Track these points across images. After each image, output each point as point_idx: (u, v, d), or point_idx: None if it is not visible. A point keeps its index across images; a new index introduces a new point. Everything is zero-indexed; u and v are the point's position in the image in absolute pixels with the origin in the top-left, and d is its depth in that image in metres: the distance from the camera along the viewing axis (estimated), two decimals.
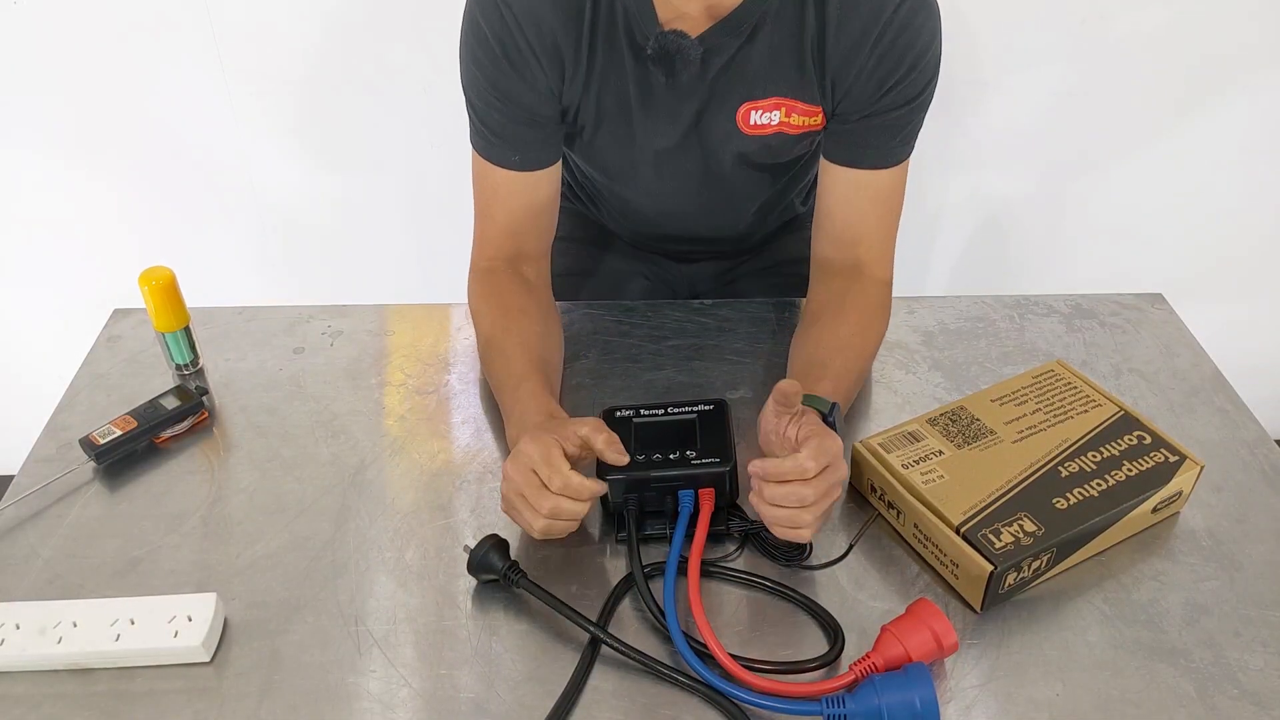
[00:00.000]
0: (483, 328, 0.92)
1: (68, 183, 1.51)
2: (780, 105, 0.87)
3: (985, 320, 1.04)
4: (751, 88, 0.86)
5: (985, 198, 1.61)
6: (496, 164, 0.90)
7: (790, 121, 0.88)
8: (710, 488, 0.77)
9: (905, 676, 0.65)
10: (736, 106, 0.87)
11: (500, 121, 0.87)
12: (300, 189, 1.55)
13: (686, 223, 1.06)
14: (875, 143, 0.88)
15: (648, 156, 0.93)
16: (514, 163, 0.90)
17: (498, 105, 0.87)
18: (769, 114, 0.87)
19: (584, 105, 0.88)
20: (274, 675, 0.70)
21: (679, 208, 1.02)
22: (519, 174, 0.90)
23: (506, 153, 0.89)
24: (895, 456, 0.80)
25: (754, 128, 0.88)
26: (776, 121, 0.88)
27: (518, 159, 0.89)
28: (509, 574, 0.73)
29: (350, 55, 1.42)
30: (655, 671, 0.68)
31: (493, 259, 0.94)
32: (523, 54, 0.83)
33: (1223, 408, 0.93)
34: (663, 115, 0.88)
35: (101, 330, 1.04)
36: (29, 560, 0.78)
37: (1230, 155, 1.54)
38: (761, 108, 0.87)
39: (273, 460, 0.88)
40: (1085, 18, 1.39)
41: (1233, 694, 0.68)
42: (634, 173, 0.96)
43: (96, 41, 1.37)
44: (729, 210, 1.03)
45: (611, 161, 0.96)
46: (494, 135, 0.89)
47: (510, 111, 0.87)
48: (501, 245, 0.94)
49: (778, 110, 0.87)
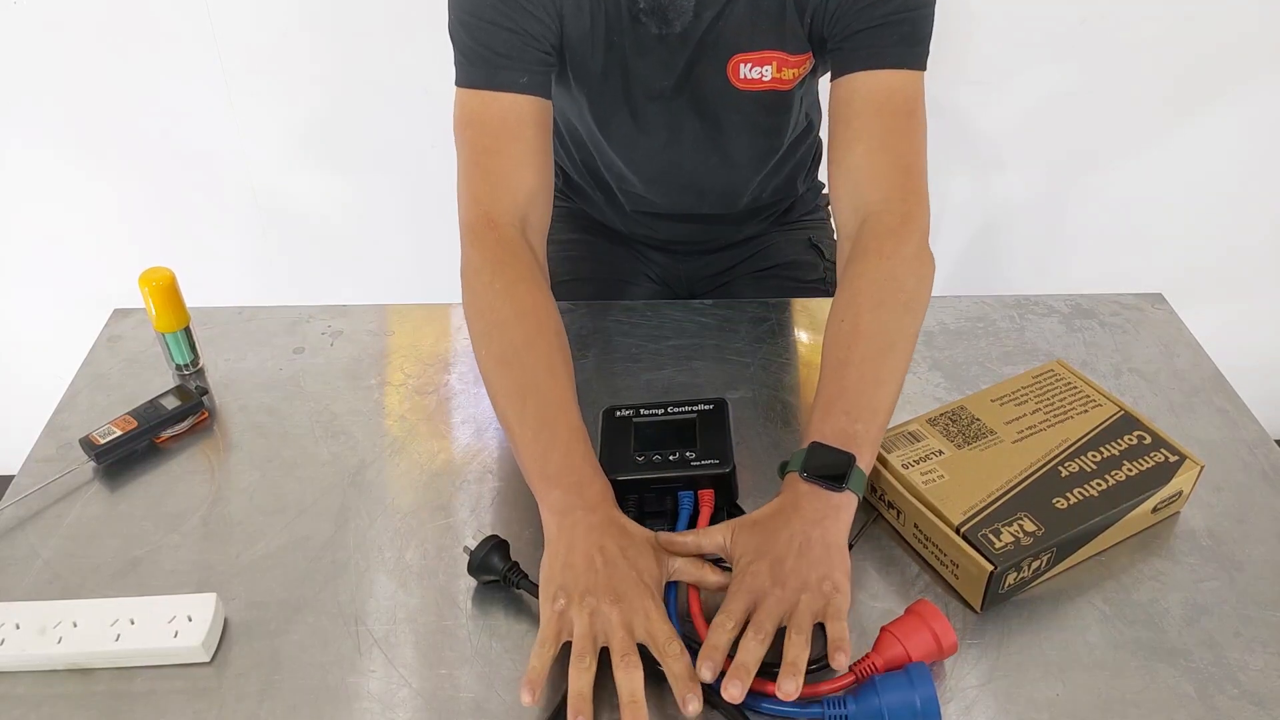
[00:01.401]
0: (502, 325, 0.78)
1: (68, 183, 1.51)
2: (771, 59, 0.87)
3: (985, 320, 1.04)
4: (739, 39, 0.87)
5: (985, 198, 1.61)
6: (505, 89, 0.82)
7: (782, 76, 0.88)
8: (710, 489, 0.77)
9: (906, 677, 0.65)
10: (727, 59, 0.88)
11: (508, 39, 0.81)
12: (300, 189, 1.55)
13: (686, 196, 1.05)
14: (867, 43, 0.83)
15: (643, 109, 0.93)
16: (522, 85, 0.82)
17: (508, 21, 0.81)
18: (760, 68, 0.87)
19: (584, 59, 0.89)
20: (274, 675, 0.70)
21: (677, 175, 1.02)
22: (529, 99, 0.82)
23: (514, 75, 0.81)
24: (895, 456, 0.80)
25: (745, 81, 0.89)
26: (769, 77, 0.88)
27: (525, 81, 0.82)
28: (509, 575, 0.73)
29: (350, 56, 1.42)
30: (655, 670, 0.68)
31: (503, 214, 0.81)
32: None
33: (1223, 408, 0.93)
34: (656, 67, 0.89)
35: (101, 330, 1.04)
36: (29, 560, 0.78)
37: (1230, 155, 1.54)
38: (752, 60, 0.87)
39: (273, 460, 0.88)
40: (1085, 18, 1.39)
41: (1233, 694, 0.68)
42: (631, 130, 0.96)
43: (97, 42, 1.37)
44: (727, 178, 1.03)
45: (609, 120, 0.96)
46: (499, 55, 0.81)
47: (520, 27, 0.82)
48: (515, 194, 0.82)
49: (769, 65, 0.87)
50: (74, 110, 1.43)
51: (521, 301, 0.79)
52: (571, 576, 0.67)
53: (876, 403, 0.74)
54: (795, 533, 0.68)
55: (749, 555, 0.68)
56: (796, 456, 0.73)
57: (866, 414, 0.73)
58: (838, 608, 0.65)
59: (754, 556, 0.67)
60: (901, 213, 0.81)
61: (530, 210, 0.85)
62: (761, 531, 0.69)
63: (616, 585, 0.66)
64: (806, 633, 0.63)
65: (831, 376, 0.76)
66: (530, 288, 0.80)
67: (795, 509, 0.69)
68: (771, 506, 0.71)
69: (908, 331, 0.78)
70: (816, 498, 0.70)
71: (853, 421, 0.72)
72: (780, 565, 0.66)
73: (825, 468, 0.70)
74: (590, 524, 0.69)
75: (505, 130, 0.83)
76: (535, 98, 0.84)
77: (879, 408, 0.74)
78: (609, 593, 0.65)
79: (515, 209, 0.83)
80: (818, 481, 0.70)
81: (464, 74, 0.85)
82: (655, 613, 0.65)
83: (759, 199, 1.09)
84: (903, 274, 0.79)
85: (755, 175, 1.05)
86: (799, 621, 0.64)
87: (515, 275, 0.80)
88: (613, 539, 0.69)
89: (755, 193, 1.07)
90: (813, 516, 0.69)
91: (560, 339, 0.81)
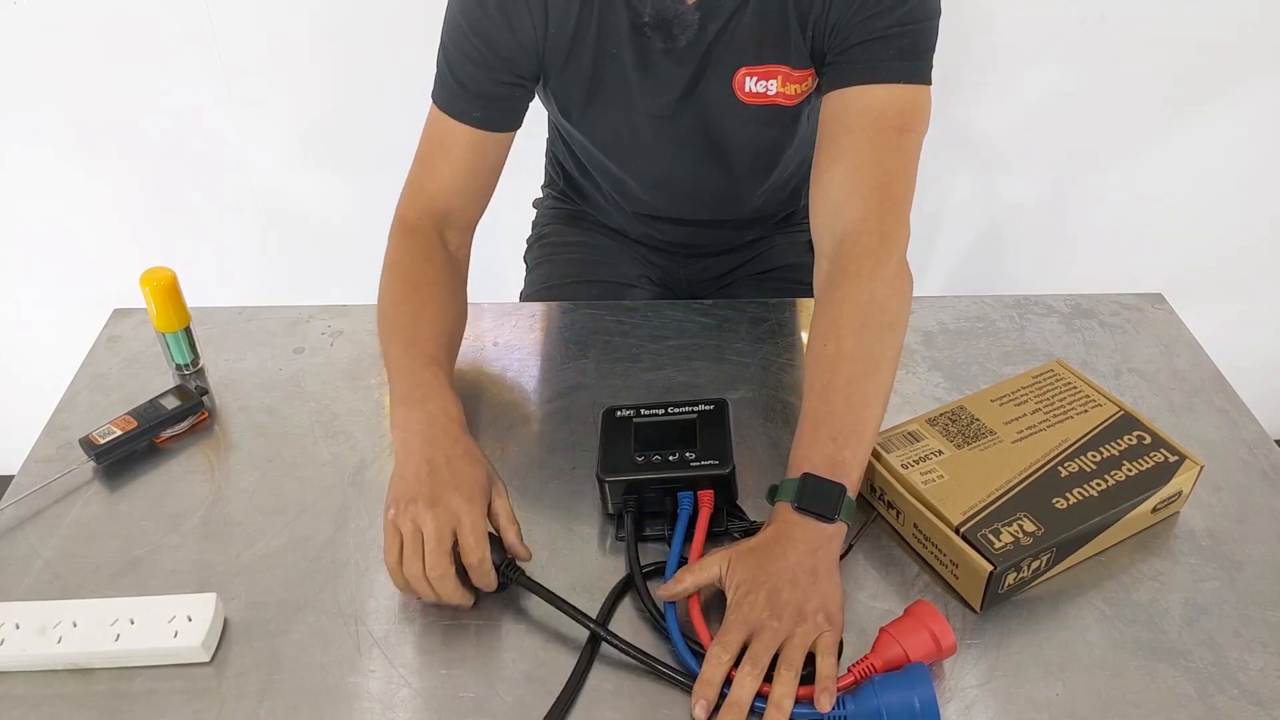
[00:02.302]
0: (393, 283, 0.88)
1: (68, 183, 1.51)
2: (776, 73, 0.87)
3: (985, 320, 1.04)
4: (745, 52, 0.86)
5: (985, 197, 1.61)
6: (455, 117, 0.89)
7: (786, 91, 0.88)
8: (710, 489, 0.77)
9: (905, 677, 0.65)
10: (732, 73, 0.87)
11: (472, 73, 0.87)
12: (300, 189, 1.55)
13: (687, 204, 1.05)
14: (863, 56, 0.83)
15: (645, 123, 0.93)
16: (474, 119, 0.89)
17: (476, 54, 0.86)
18: (765, 82, 0.87)
19: (577, 70, 0.88)
20: (274, 675, 0.70)
21: (679, 185, 1.01)
22: (474, 131, 0.89)
23: (468, 108, 0.88)
24: (895, 456, 0.80)
25: (750, 95, 0.88)
26: (774, 91, 0.88)
27: (479, 115, 0.88)
28: (506, 571, 0.73)
29: (350, 55, 1.42)
30: (655, 670, 0.68)
31: (421, 215, 0.91)
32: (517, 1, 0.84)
33: (1223, 408, 0.93)
34: (660, 81, 0.89)
35: (101, 330, 1.04)
36: (29, 560, 0.78)
37: (1230, 155, 1.54)
38: (757, 74, 0.87)
39: (273, 460, 0.88)
40: (1085, 18, 1.39)
41: (1233, 694, 0.68)
42: (633, 143, 0.96)
43: (97, 42, 1.37)
44: (729, 189, 1.03)
45: (608, 132, 0.96)
46: (460, 87, 0.88)
47: (487, 61, 0.86)
48: (434, 200, 0.91)
49: (774, 79, 0.87)
50: (74, 110, 1.43)
51: (411, 271, 0.89)
52: (402, 487, 0.73)
53: (863, 426, 0.75)
54: (791, 563, 0.69)
55: (745, 585, 0.69)
56: (787, 486, 0.73)
57: (854, 439, 0.74)
58: (828, 644, 0.66)
59: (750, 586, 0.68)
60: (880, 234, 0.81)
61: (448, 216, 0.92)
62: (757, 560, 0.70)
63: (435, 492, 0.71)
64: (797, 669, 0.65)
65: (817, 400, 0.76)
66: (423, 264, 0.89)
67: (789, 539, 0.70)
68: (766, 535, 0.72)
69: (890, 353, 0.78)
70: (809, 528, 0.71)
71: (840, 448, 0.73)
72: (777, 596, 0.67)
73: (818, 502, 0.71)
74: (425, 437, 0.75)
75: (441, 150, 0.91)
76: (484, 132, 0.90)
77: (865, 431, 0.75)
78: (427, 499, 0.71)
79: (433, 215, 0.91)
80: (811, 515, 0.71)
81: (434, 89, 0.92)
82: (468, 520, 0.70)
83: (762, 209, 1.10)
84: (884, 295, 0.79)
85: (757, 188, 1.05)
86: (790, 656, 0.65)
87: (412, 257, 0.89)
88: (441, 450, 0.74)
89: (757, 203, 1.07)
90: (807, 547, 0.70)
91: (439, 297, 0.88)
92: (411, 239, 0.90)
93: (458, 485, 0.72)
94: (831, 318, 0.79)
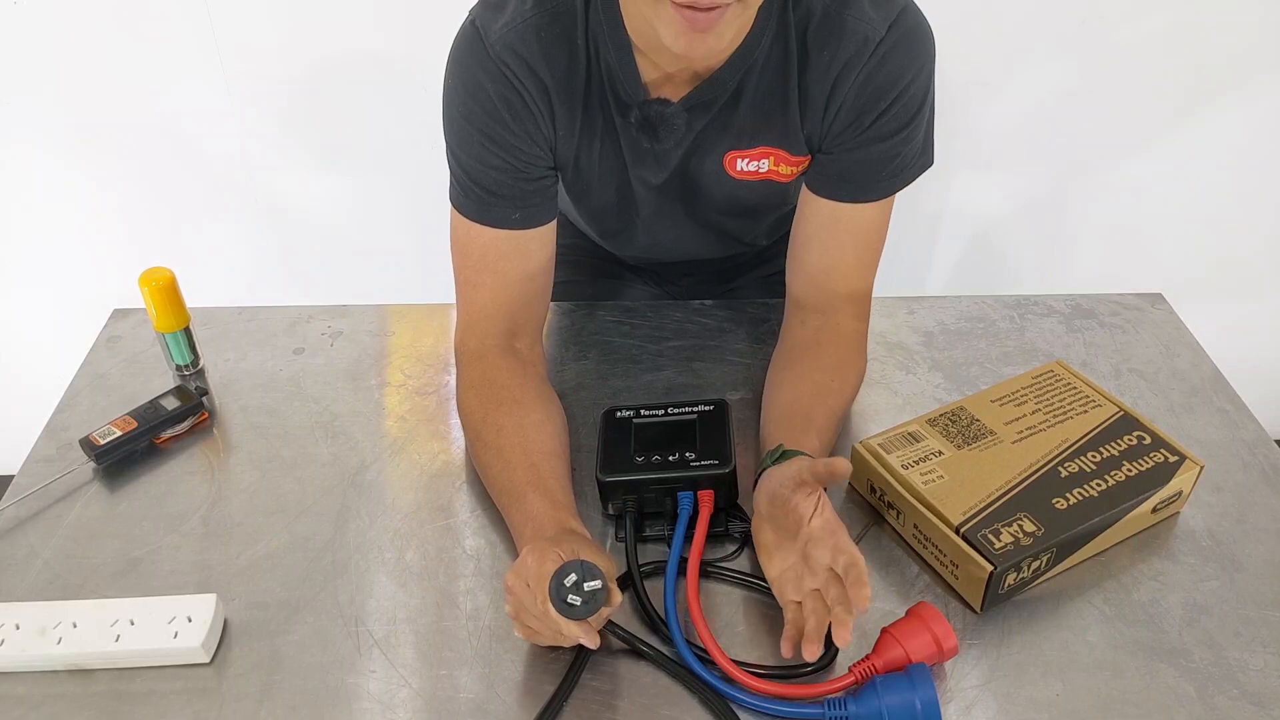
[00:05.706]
0: (473, 424, 0.84)
1: (68, 183, 1.51)
2: (768, 155, 0.85)
3: (985, 320, 1.04)
4: (737, 139, 0.85)
5: (985, 198, 1.61)
6: (493, 225, 0.84)
7: (779, 170, 0.87)
8: (710, 489, 0.77)
9: (907, 678, 0.65)
10: (722, 155, 0.86)
11: (498, 178, 0.83)
12: (300, 189, 1.55)
13: (682, 255, 1.04)
14: (856, 177, 0.84)
15: (642, 198, 0.91)
16: (514, 220, 0.84)
17: (497, 160, 0.82)
18: (756, 162, 0.86)
19: (580, 157, 0.86)
20: (274, 676, 0.70)
21: (672, 245, 1.00)
22: (516, 234, 0.85)
23: (506, 211, 0.84)
24: (895, 457, 0.80)
25: (741, 174, 0.87)
26: (765, 169, 0.87)
27: (519, 216, 0.84)
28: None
29: (350, 55, 1.42)
30: (657, 666, 0.68)
31: (483, 339, 0.87)
32: (526, 104, 0.80)
33: (1223, 408, 0.93)
34: (651, 164, 0.87)
35: (101, 330, 1.04)
36: (29, 560, 0.78)
37: (1230, 155, 1.54)
38: (748, 156, 0.85)
39: (273, 460, 0.88)
40: (1085, 18, 1.39)
41: (1233, 694, 0.68)
42: (631, 214, 0.94)
43: (97, 41, 1.37)
44: (722, 249, 1.03)
45: (608, 205, 0.93)
46: (490, 194, 0.83)
47: (511, 164, 0.82)
48: (494, 321, 0.87)
49: (766, 159, 0.86)
50: (74, 110, 1.43)
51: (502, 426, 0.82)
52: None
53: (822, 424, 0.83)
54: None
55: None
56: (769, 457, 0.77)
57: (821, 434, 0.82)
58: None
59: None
60: (848, 329, 0.90)
61: (514, 330, 0.88)
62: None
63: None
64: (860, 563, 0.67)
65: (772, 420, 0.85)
66: (510, 408, 0.83)
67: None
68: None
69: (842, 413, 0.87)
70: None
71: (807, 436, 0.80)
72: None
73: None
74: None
75: (485, 264, 0.86)
76: (526, 232, 0.85)
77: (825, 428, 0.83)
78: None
79: (497, 334, 0.88)
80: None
81: (456, 197, 0.86)
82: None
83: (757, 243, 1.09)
84: (838, 384, 0.87)
85: (751, 245, 1.05)
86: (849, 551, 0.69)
87: (495, 399, 0.84)
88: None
89: (752, 248, 1.07)
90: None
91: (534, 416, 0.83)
92: (474, 370, 0.86)
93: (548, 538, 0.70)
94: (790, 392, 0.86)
